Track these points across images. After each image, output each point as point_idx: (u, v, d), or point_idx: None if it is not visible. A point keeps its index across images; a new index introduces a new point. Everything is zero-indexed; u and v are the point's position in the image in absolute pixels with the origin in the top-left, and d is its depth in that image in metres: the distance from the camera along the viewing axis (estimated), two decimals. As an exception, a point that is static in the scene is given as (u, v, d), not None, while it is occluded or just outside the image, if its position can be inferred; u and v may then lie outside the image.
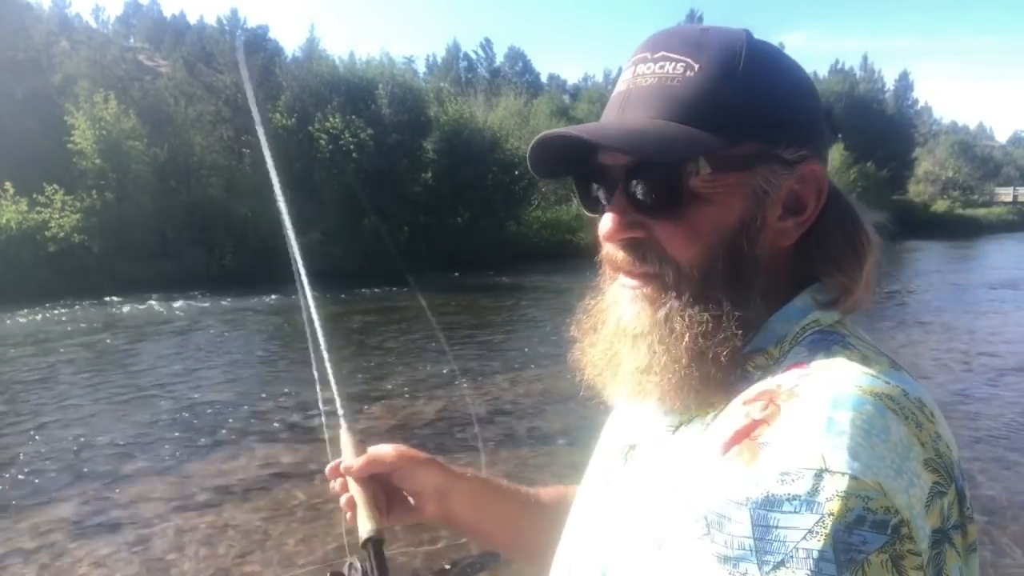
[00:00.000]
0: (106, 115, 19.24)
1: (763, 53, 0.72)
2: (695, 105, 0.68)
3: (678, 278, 0.70)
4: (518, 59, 63.04)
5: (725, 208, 0.69)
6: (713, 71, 0.69)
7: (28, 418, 7.23)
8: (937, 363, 9.67)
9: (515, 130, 29.59)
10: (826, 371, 0.62)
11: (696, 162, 0.68)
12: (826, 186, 0.72)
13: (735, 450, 0.59)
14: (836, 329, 0.70)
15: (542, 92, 49.26)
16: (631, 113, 0.70)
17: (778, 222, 0.72)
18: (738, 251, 0.70)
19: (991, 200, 57.91)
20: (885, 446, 0.54)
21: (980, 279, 20.20)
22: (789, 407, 0.59)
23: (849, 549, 0.51)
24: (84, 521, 4.94)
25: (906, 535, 0.52)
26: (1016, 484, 5.59)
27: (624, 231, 0.71)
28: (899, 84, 58.11)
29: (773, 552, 0.53)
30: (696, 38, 0.71)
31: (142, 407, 7.60)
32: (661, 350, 0.69)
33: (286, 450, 6.19)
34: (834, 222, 0.74)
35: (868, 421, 0.56)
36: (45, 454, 6.17)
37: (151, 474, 5.77)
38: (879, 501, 0.52)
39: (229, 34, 39.26)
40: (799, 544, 0.52)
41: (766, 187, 0.70)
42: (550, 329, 11.75)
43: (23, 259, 16.51)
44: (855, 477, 0.52)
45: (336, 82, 23.90)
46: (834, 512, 0.51)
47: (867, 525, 0.51)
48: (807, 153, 0.71)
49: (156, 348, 10.78)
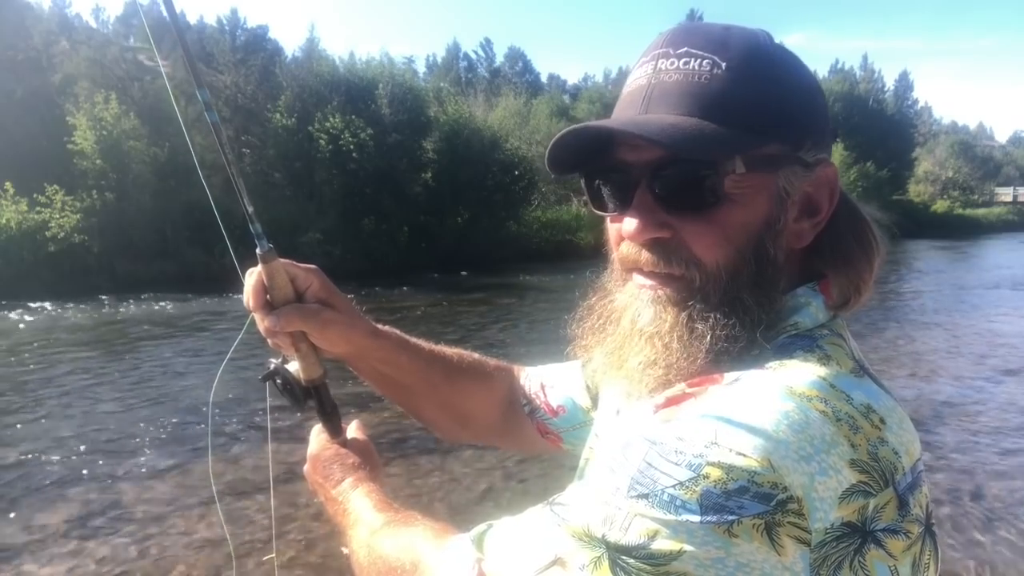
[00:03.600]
0: (106, 115, 19.24)
1: (784, 55, 0.72)
2: (724, 104, 0.67)
3: (705, 280, 0.69)
4: (518, 59, 63.00)
5: (751, 209, 0.69)
6: (740, 70, 0.68)
7: (28, 418, 7.22)
8: (937, 363, 9.66)
9: (515, 130, 29.59)
10: (774, 370, 0.64)
11: (732, 161, 0.67)
12: (838, 188, 0.73)
13: (662, 412, 0.64)
14: (812, 333, 0.70)
15: (542, 92, 49.20)
16: (657, 109, 0.69)
17: (794, 224, 0.72)
18: (763, 253, 0.70)
19: (991, 200, 57.95)
20: (796, 436, 0.57)
21: (980, 279, 20.19)
22: (719, 389, 0.64)
23: (721, 509, 0.55)
24: (84, 521, 4.94)
25: (793, 510, 0.55)
26: (1017, 483, 5.59)
27: (650, 231, 0.70)
28: (899, 84, 58.14)
29: (644, 484, 0.57)
30: (720, 36, 0.70)
31: (143, 407, 7.59)
32: (678, 348, 0.69)
33: (290, 448, 6.19)
34: (845, 223, 0.74)
35: (783, 414, 0.59)
36: (45, 454, 6.16)
37: (152, 473, 5.77)
38: (766, 477, 0.55)
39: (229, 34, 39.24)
40: (667, 489, 0.56)
41: (788, 188, 0.70)
42: (550, 329, 11.75)
43: (23, 259, 16.52)
44: (742, 454, 0.56)
45: (336, 82, 23.89)
46: (710, 476, 0.55)
47: (749, 495, 0.55)
48: (824, 156, 0.72)
49: (156, 348, 10.77)
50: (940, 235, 34.51)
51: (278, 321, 0.93)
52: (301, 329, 0.95)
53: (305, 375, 0.99)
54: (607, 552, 0.58)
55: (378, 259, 20.67)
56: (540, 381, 1.15)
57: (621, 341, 0.75)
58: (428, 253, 22.05)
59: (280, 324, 0.93)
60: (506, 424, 1.17)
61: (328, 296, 0.98)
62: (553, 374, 1.15)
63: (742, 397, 0.61)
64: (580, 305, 0.84)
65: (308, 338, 0.97)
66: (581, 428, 1.08)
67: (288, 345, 0.97)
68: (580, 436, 1.07)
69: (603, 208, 0.77)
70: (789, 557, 0.55)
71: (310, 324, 0.94)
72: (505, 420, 1.17)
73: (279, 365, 1.01)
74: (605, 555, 0.58)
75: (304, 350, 0.98)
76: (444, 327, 12.49)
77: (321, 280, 0.98)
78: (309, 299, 0.96)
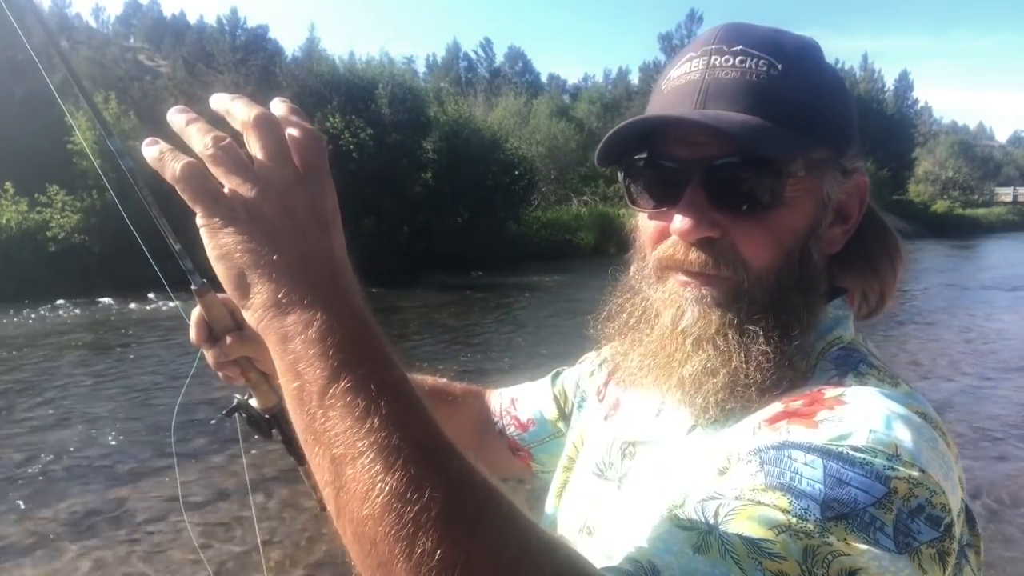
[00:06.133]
0: (107, 115, 19.21)
1: (827, 64, 0.73)
2: (784, 105, 0.67)
3: (753, 282, 0.68)
4: (518, 59, 63.02)
5: (800, 212, 0.69)
6: (796, 73, 0.68)
7: (28, 417, 7.22)
8: (937, 363, 9.66)
9: (515, 130, 29.61)
10: (865, 386, 0.63)
11: (796, 163, 0.67)
12: (867, 198, 0.74)
13: (784, 423, 0.60)
14: (856, 347, 0.71)
15: (542, 92, 49.21)
16: (715, 105, 0.67)
17: (828, 230, 0.72)
18: (808, 256, 0.69)
19: (991, 200, 57.95)
20: (935, 453, 0.57)
21: (980, 279, 20.19)
22: (845, 403, 0.60)
23: (908, 533, 0.52)
24: (84, 520, 4.93)
25: (953, 535, 0.54)
26: (1017, 483, 5.59)
27: (701, 229, 0.68)
28: (899, 84, 58.14)
29: (844, 503, 0.53)
30: (774, 38, 0.71)
31: (143, 406, 7.59)
32: (734, 352, 0.67)
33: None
34: (871, 231, 0.75)
35: (920, 429, 0.58)
36: (44, 453, 6.16)
37: (152, 473, 5.76)
38: (940, 498, 0.54)
39: (229, 34, 39.26)
40: (869, 510, 0.52)
41: (830, 193, 0.71)
42: (550, 329, 11.75)
43: (23, 259, 16.50)
44: (924, 471, 0.54)
45: (336, 82, 23.89)
46: (900, 493, 0.53)
47: (923, 516, 0.53)
48: (860, 164, 0.73)
49: (157, 347, 10.77)
50: (940, 235, 34.47)
51: (221, 350, 0.93)
52: (244, 355, 0.94)
53: (261, 404, 0.99)
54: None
55: (378, 259, 20.67)
56: (511, 397, 1.15)
57: (662, 343, 0.72)
58: (428, 253, 22.03)
59: (223, 352, 0.93)
60: (481, 447, 1.15)
61: None
62: (523, 390, 1.14)
63: (879, 406, 0.59)
64: (607, 304, 0.82)
65: (255, 365, 0.97)
66: (551, 441, 1.07)
67: (238, 375, 0.97)
68: (549, 451, 1.06)
69: (642, 204, 0.74)
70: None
71: (250, 347, 0.94)
72: (480, 444, 1.15)
73: (241, 400, 1.01)
74: None
75: (254, 379, 0.98)
76: (444, 327, 12.50)
77: None
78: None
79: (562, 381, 1.09)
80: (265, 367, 0.97)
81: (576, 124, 35.75)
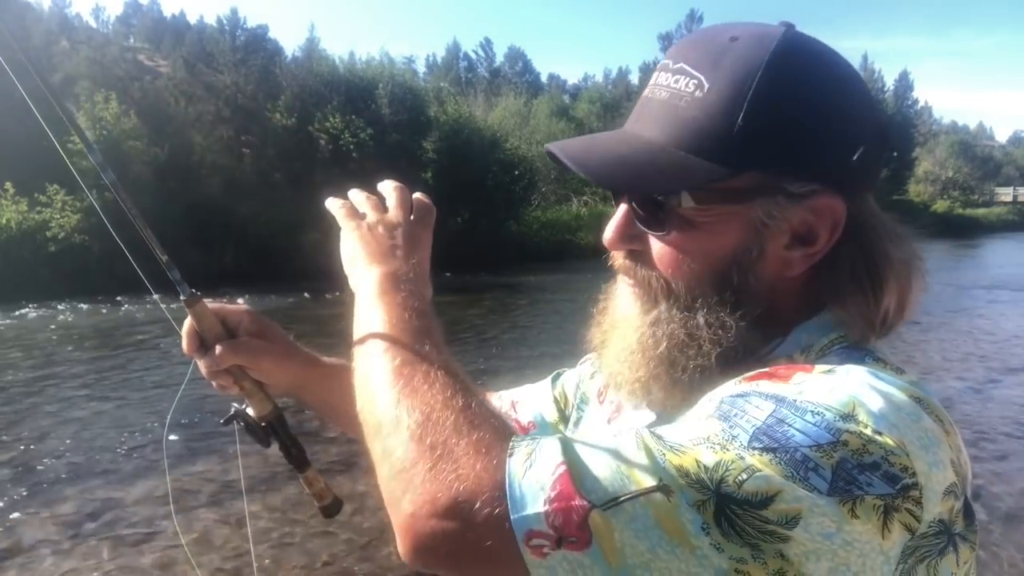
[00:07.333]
0: (107, 115, 19.24)
1: (790, 72, 0.66)
2: (697, 130, 0.66)
3: (667, 292, 0.71)
4: (518, 59, 63.06)
5: (714, 236, 0.69)
6: (722, 93, 0.65)
7: (28, 418, 7.23)
8: (937, 362, 9.66)
9: (515, 130, 29.63)
10: (861, 366, 0.64)
11: (677, 196, 0.68)
12: (842, 221, 0.68)
13: (762, 381, 0.62)
14: (862, 344, 0.71)
15: (542, 92, 49.23)
16: (641, 126, 0.72)
17: (784, 251, 0.70)
18: (727, 279, 0.69)
19: (991, 200, 58.00)
20: (914, 425, 0.57)
21: (980, 279, 20.20)
22: (831, 373, 0.62)
23: (850, 482, 0.53)
24: (84, 521, 4.93)
25: (913, 497, 0.54)
26: (1017, 482, 5.59)
27: (622, 243, 0.74)
28: (899, 84, 58.19)
29: (773, 439, 0.55)
30: (718, 52, 0.67)
31: (143, 406, 7.59)
32: (652, 344, 0.72)
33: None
34: (846, 258, 0.70)
35: (900, 402, 0.58)
36: (43, 454, 6.16)
37: (152, 473, 5.77)
38: (899, 458, 0.54)
39: (229, 34, 39.27)
40: (802, 449, 0.54)
41: (766, 219, 0.68)
42: (550, 328, 11.75)
43: (23, 259, 16.49)
44: (879, 432, 0.55)
45: (336, 82, 23.90)
46: (850, 445, 0.54)
47: (879, 472, 0.54)
48: (817, 187, 0.67)
49: (157, 347, 10.77)
50: (940, 235, 34.48)
51: (213, 359, 0.95)
52: (235, 363, 0.96)
53: (256, 412, 1.00)
54: (714, 498, 0.53)
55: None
56: (511, 399, 1.14)
57: (608, 328, 0.80)
58: (428, 253, 22.03)
59: (215, 361, 0.95)
60: None
61: (260, 330, 1.00)
62: (523, 392, 1.14)
63: (858, 376, 0.60)
64: (595, 304, 0.86)
65: (248, 374, 0.98)
66: None
67: (231, 384, 0.99)
68: None
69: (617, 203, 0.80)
70: (890, 543, 0.54)
71: (242, 356, 0.96)
72: None
73: (239, 408, 1.01)
74: (712, 501, 0.53)
75: (248, 387, 0.99)
76: (443, 327, 12.47)
77: (252, 316, 1.01)
78: (241, 335, 0.99)
79: (562, 383, 1.09)
80: (259, 376, 0.99)
81: (576, 124, 35.74)
